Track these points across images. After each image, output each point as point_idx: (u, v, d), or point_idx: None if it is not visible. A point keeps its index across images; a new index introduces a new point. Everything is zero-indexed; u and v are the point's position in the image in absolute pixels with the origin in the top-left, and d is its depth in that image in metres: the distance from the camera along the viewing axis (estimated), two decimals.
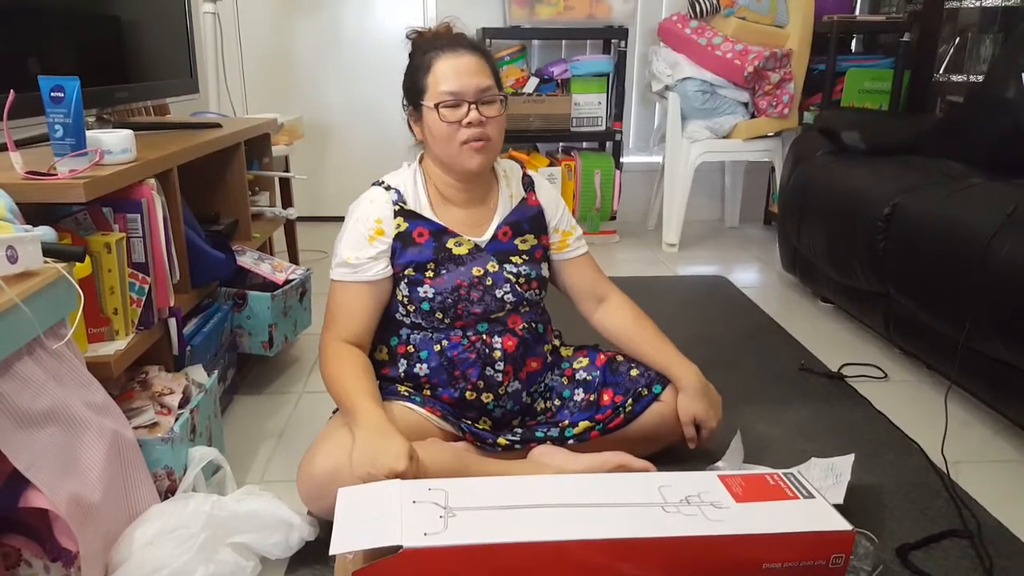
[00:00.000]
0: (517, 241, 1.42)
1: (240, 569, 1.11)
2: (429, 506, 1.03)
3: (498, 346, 1.37)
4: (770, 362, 2.01)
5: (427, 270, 1.35)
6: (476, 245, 1.38)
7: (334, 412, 1.38)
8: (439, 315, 1.35)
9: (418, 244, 1.35)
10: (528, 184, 1.48)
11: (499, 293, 1.37)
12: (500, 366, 1.37)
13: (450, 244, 1.36)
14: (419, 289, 1.34)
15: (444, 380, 1.37)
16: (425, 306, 1.34)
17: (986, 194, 1.73)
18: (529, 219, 1.44)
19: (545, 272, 1.45)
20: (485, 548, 0.98)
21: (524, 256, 1.41)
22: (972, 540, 1.26)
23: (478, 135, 1.30)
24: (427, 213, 1.38)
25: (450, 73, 1.29)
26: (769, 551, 1.03)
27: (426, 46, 1.35)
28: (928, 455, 1.53)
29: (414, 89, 1.34)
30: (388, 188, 1.38)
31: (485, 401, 1.39)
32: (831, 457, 1.39)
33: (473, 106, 1.29)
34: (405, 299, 1.36)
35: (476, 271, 1.36)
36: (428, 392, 1.39)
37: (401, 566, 0.95)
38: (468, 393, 1.37)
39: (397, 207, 1.36)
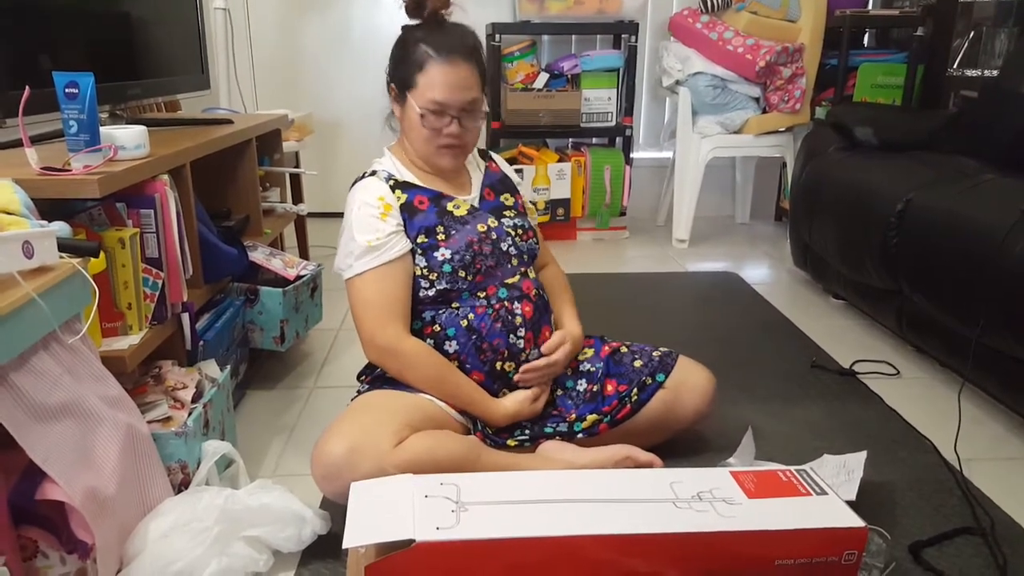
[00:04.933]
0: (502, 199, 1.49)
1: (253, 562, 1.12)
2: (441, 500, 1.03)
3: (519, 312, 1.40)
4: (781, 359, 2.00)
5: (437, 233, 1.37)
6: (472, 205, 1.43)
7: (351, 400, 1.39)
8: (462, 273, 1.37)
9: (421, 211, 1.39)
10: (485, 155, 1.56)
11: (504, 247, 1.41)
12: (521, 332, 1.40)
13: (450, 207, 1.40)
14: (436, 254, 1.36)
15: (474, 357, 1.38)
16: (447, 267, 1.36)
17: (1000, 190, 1.72)
18: (499, 181, 1.52)
19: (533, 223, 1.52)
20: (497, 543, 0.98)
21: (513, 211, 1.48)
22: (985, 537, 1.25)
23: (455, 143, 1.38)
24: (418, 182, 1.42)
25: (442, 83, 1.32)
26: (782, 547, 1.03)
27: (422, 34, 1.35)
28: (941, 452, 1.52)
29: (403, 76, 1.36)
30: (374, 173, 1.42)
31: (508, 370, 1.40)
32: (843, 454, 1.38)
33: (456, 119, 1.35)
34: (425, 270, 1.37)
35: (480, 227, 1.40)
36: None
37: (413, 560, 0.96)
38: (497, 364, 1.39)
39: (391, 182, 1.40)
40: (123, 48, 1.74)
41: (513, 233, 1.43)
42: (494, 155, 1.59)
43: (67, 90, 1.21)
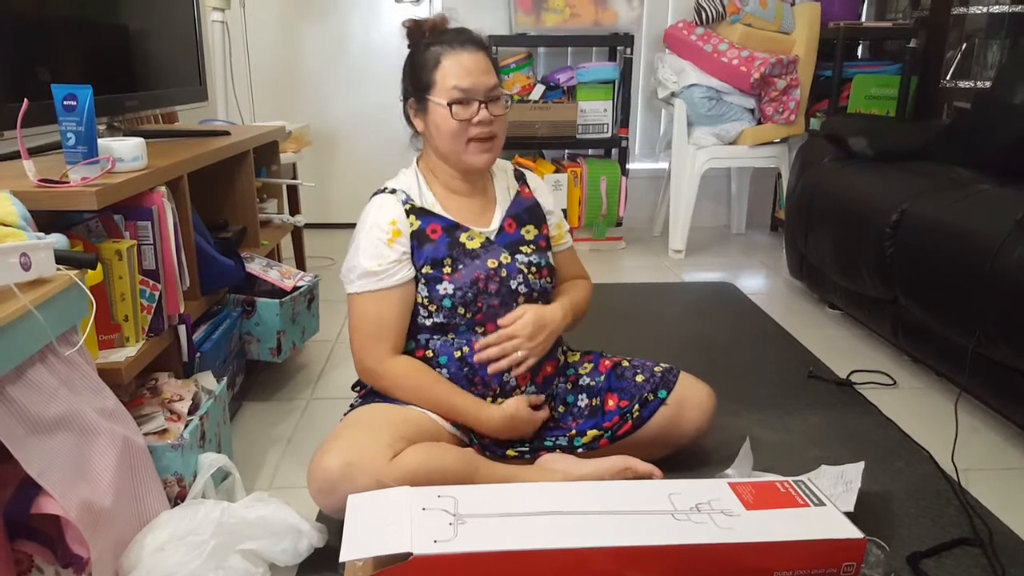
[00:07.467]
0: (523, 232, 1.44)
1: None
2: (439, 513, 1.03)
3: None
4: (778, 369, 2.00)
5: (444, 266, 1.35)
6: (487, 238, 1.40)
7: (345, 414, 1.39)
8: (460, 310, 1.35)
9: (433, 240, 1.36)
10: (520, 177, 1.51)
11: (513, 284, 1.38)
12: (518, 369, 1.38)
13: (463, 239, 1.37)
14: (438, 287, 1.35)
15: (464, 387, 1.37)
16: (447, 303, 1.35)
17: (994, 200, 1.73)
18: (527, 210, 1.47)
19: (552, 260, 1.47)
20: (495, 555, 0.97)
21: (532, 246, 1.44)
22: (983, 548, 1.25)
23: (487, 133, 1.34)
24: (436, 209, 1.39)
25: (460, 70, 1.31)
26: (780, 559, 1.03)
27: (430, 40, 1.35)
28: (938, 462, 1.52)
29: (419, 83, 1.35)
30: (393, 191, 1.39)
31: (500, 405, 1.39)
32: (841, 464, 1.38)
33: (483, 105, 1.32)
34: (425, 300, 1.36)
35: (491, 263, 1.37)
36: None
37: (411, 573, 0.95)
38: (488, 399, 1.38)
39: (408, 206, 1.37)
40: (121, 60, 1.75)
41: (525, 271, 1.39)
42: (530, 177, 1.53)
43: (65, 102, 1.21)
